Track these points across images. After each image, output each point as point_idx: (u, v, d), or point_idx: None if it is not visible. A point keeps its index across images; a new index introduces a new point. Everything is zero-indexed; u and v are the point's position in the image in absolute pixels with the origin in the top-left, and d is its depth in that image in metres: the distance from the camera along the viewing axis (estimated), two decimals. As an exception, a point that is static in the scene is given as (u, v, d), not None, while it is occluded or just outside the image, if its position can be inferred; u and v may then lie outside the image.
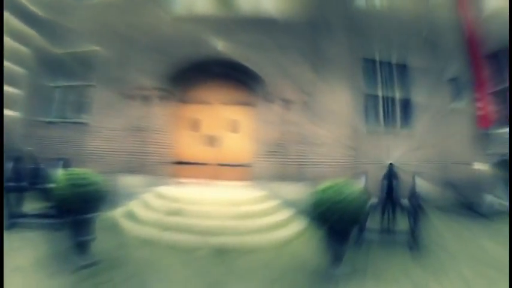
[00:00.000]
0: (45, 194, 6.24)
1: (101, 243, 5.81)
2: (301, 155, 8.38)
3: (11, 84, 10.56)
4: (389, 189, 6.90)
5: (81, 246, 4.92)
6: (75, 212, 4.72)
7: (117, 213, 7.10)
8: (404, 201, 6.68)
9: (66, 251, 5.27)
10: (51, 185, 4.88)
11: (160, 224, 6.22)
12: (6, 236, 5.93)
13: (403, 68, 10.63)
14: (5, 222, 6.29)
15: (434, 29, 11.13)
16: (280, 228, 6.68)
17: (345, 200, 4.41)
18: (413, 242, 6.01)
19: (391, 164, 6.77)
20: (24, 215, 6.65)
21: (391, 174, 6.92)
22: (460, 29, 10.70)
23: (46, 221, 6.47)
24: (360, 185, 4.90)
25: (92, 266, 4.85)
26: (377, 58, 10.28)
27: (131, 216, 6.85)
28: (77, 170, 4.88)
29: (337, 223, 4.44)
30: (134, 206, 7.15)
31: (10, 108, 10.54)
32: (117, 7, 9.65)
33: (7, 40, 10.34)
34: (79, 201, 4.62)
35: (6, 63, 10.34)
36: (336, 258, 4.76)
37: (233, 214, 6.60)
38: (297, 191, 8.04)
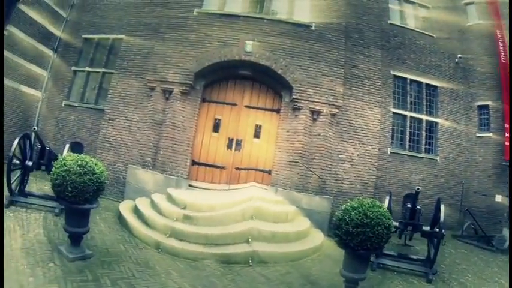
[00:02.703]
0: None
1: (99, 235, 5.21)
2: (324, 168, 7.57)
3: (37, 64, 10.10)
4: (412, 214, 6.11)
5: (74, 237, 4.22)
6: (69, 201, 4.01)
7: (123, 208, 6.36)
8: (426, 228, 5.82)
9: (60, 239, 4.66)
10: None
11: (166, 229, 5.44)
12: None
13: (433, 90, 9.81)
14: (4, 200, 5.61)
15: (469, 53, 10.30)
16: (294, 241, 5.88)
17: (370, 224, 3.80)
18: (431, 272, 5.20)
19: (418, 188, 5.93)
20: (26, 195, 5.99)
21: (416, 199, 6.11)
22: (496, 56, 9.82)
23: (47, 203, 5.86)
24: (384, 207, 4.15)
25: (82, 259, 4.14)
26: (408, 77, 9.50)
27: (137, 213, 6.12)
28: (78, 157, 4.16)
29: (358, 246, 3.84)
30: (142, 204, 6.36)
31: (33, 87, 10.08)
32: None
33: (38, 21, 9.86)
34: (72, 189, 3.92)
35: (35, 44, 9.88)
36: (350, 283, 4.08)
37: (243, 213, 5.86)
38: (317, 205, 7.26)
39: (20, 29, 9.42)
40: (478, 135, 9.93)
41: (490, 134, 9.74)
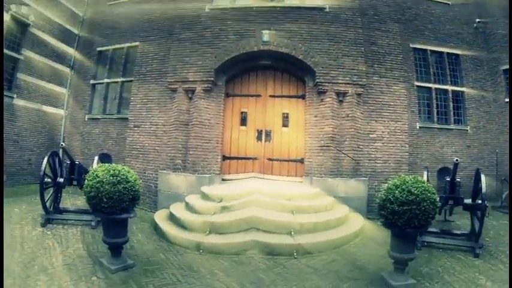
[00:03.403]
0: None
1: (138, 244, 5.16)
2: (356, 150, 7.33)
3: (56, 83, 10.18)
4: (452, 187, 5.81)
5: (114, 248, 4.15)
6: (105, 212, 3.94)
7: (158, 217, 6.19)
8: (468, 201, 5.53)
9: (99, 251, 4.63)
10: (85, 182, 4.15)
11: (205, 227, 5.34)
12: (39, 233, 5.31)
13: (455, 59, 9.41)
14: (40, 219, 5.72)
15: (487, 17, 9.85)
16: (335, 228, 5.69)
17: (415, 200, 3.62)
18: (477, 246, 4.94)
19: (456, 160, 5.62)
20: (61, 211, 6.05)
21: (455, 172, 5.80)
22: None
23: (83, 217, 5.89)
24: (427, 182, 3.97)
25: (124, 269, 4.07)
26: (428, 48, 9.14)
27: (173, 220, 5.94)
28: (109, 166, 4.08)
29: (405, 225, 3.67)
30: (177, 209, 6.28)
31: (55, 106, 10.16)
32: (156, 1, 8.98)
33: (51, 41, 9.95)
34: (108, 200, 3.85)
35: (51, 64, 9.97)
36: (400, 265, 3.91)
37: (285, 212, 5.68)
38: (353, 188, 7.05)
39: (35, 52, 9.51)
40: (506, 100, 9.44)
41: (519, 98, 9.30)
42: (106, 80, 9.63)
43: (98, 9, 10.50)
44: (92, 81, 9.88)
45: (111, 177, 3.91)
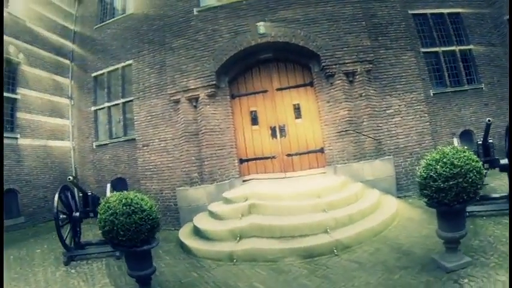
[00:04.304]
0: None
1: (167, 268, 4.71)
2: (375, 129, 6.75)
3: (57, 116, 9.73)
4: (486, 150, 5.21)
5: (141, 281, 3.69)
6: (124, 245, 3.47)
7: (182, 234, 5.75)
8: (504, 161, 4.91)
9: (128, 284, 4.18)
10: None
11: (234, 234, 4.89)
12: (63, 273, 4.88)
13: (456, 18, 8.72)
14: (62, 257, 5.33)
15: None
16: (370, 214, 5.17)
17: (460, 173, 3.18)
18: None
19: (489, 120, 5.01)
20: (82, 246, 5.62)
21: (487, 133, 5.19)
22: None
23: (106, 249, 5.36)
24: (468, 151, 3.43)
25: None
26: (427, 12, 8.48)
27: (199, 234, 5.48)
28: (120, 195, 3.60)
29: (454, 201, 3.22)
30: (200, 221, 5.83)
31: (60, 139, 9.73)
32: (142, 15, 8.48)
33: (45, 75, 9.51)
34: (124, 233, 3.37)
35: (49, 97, 9.53)
36: (452, 244, 3.43)
37: (317, 212, 5.15)
38: (379, 168, 6.49)
39: (31, 89, 9.12)
40: (517, 52, 8.83)
41: (529, 46, 8.63)
42: (107, 104, 9.13)
43: (85, 35, 9.99)
44: (93, 108, 9.40)
45: (124, 207, 3.42)
